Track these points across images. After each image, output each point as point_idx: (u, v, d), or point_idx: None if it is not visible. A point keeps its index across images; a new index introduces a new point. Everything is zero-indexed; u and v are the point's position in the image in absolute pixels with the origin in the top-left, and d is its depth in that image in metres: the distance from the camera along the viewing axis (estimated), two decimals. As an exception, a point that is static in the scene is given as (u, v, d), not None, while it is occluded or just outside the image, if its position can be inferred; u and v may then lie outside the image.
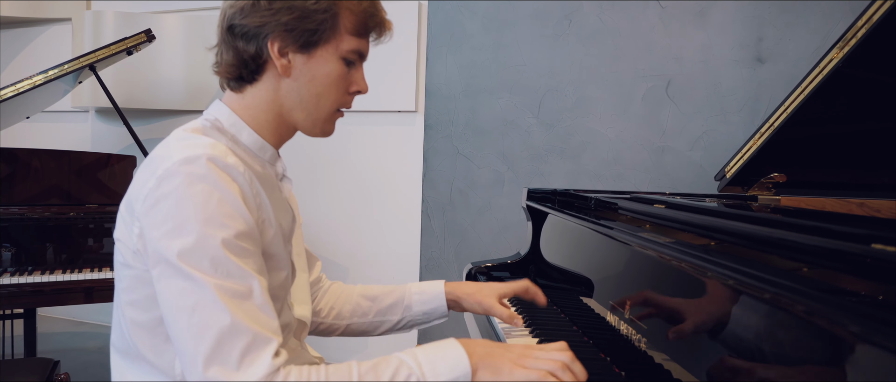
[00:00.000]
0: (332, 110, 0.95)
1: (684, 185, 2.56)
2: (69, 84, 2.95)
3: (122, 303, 0.89)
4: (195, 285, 0.77)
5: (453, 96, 3.04)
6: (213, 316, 0.76)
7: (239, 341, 0.76)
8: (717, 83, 2.49)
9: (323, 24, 0.88)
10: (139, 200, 0.82)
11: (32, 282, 2.22)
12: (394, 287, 1.22)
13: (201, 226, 0.78)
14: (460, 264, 3.09)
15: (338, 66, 0.91)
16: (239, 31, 0.89)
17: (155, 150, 0.89)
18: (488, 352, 0.84)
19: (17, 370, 1.81)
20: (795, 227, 0.79)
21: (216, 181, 0.80)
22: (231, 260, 0.78)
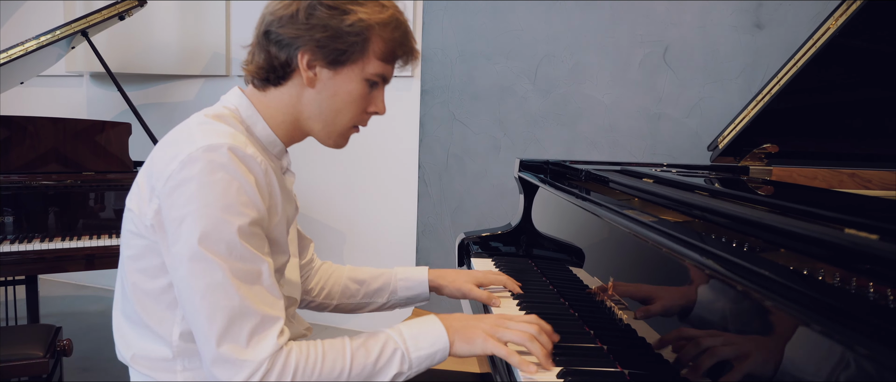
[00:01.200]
0: (348, 126, 1.00)
1: (680, 152, 2.56)
2: (62, 49, 2.93)
3: (131, 270, 0.93)
4: (211, 267, 0.82)
5: (449, 62, 3.01)
6: (227, 298, 0.82)
7: (248, 321, 0.82)
8: (714, 49, 2.46)
9: (353, 45, 0.92)
10: (161, 179, 0.85)
11: (34, 249, 2.25)
12: (381, 272, 1.28)
13: (220, 212, 0.83)
14: (456, 229, 3.11)
15: (360, 86, 0.95)
16: (274, 37, 0.92)
17: (175, 131, 0.93)
18: (463, 326, 0.94)
19: (20, 336, 1.85)
20: (774, 207, 0.80)
21: (235, 170, 0.84)
22: (244, 246, 0.84)
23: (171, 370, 0.93)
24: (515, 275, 1.40)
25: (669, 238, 0.81)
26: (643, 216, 0.92)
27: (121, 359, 1.00)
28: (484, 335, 0.92)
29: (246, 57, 0.99)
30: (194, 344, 0.91)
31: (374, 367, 0.88)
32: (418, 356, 0.90)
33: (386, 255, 3.29)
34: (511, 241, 1.62)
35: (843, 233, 0.67)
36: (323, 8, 0.90)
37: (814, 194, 1.12)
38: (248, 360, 0.81)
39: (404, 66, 1.00)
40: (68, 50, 3.02)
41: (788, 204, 0.79)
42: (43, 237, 2.33)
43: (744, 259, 0.68)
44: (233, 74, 3.50)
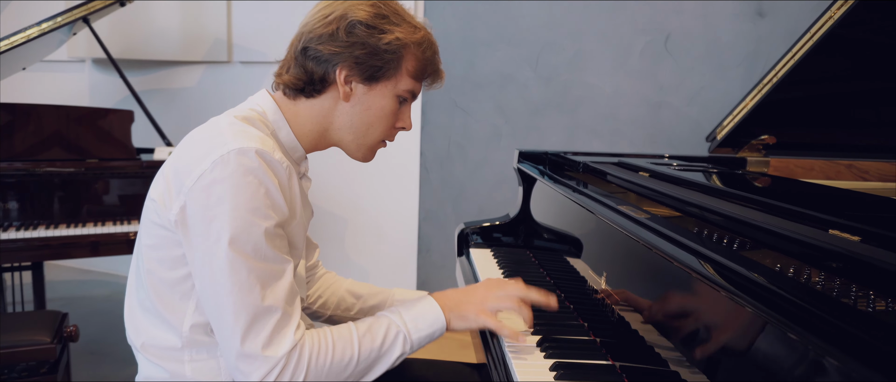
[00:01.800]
0: (378, 140, 1.05)
1: (681, 141, 2.57)
2: (64, 35, 2.93)
3: (149, 258, 0.96)
4: (238, 267, 0.86)
5: (451, 48, 3.01)
6: (251, 297, 0.87)
7: (270, 320, 0.88)
8: (716, 38, 2.46)
9: (389, 63, 0.97)
10: (191, 177, 0.88)
11: (39, 236, 2.28)
12: (379, 290, 1.30)
13: (249, 215, 0.87)
14: (458, 216, 3.13)
15: (392, 101, 1.00)
16: (312, 54, 0.97)
17: (204, 130, 0.96)
18: (456, 303, 1.02)
19: (27, 322, 1.88)
20: (762, 205, 0.81)
21: (264, 174, 0.88)
22: (269, 247, 0.88)
23: (179, 359, 0.97)
24: (513, 267, 1.42)
25: (658, 235, 0.83)
26: (635, 212, 0.94)
27: (130, 344, 1.03)
28: (475, 310, 1.00)
29: (279, 68, 1.03)
30: (203, 337, 0.96)
31: (379, 350, 0.95)
32: (419, 337, 0.98)
33: (388, 241, 3.32)
34: (510, 231, 1.64)
35: (826, 234, 0.68)
36: (362, 27, 0.95)
37: (804, 191, 1.13)
38: (268, 357, 0.87)
39: (430, 85, 1.06)
40: (70, 36, 3.03)
41: (776, 202, 0.80)
42: (48, 224, 2.36)
43: (728, 258, 0.70)
44: (234, 61, 3.50)
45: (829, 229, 0.70)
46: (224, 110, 1.02)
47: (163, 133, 2.80)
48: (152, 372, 1.00)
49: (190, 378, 0.97)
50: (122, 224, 2.46)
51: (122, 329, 1.06)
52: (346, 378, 0.93)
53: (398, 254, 3.30)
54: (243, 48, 3.47)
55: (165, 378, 0.98)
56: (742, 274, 0.66)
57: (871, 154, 1.72)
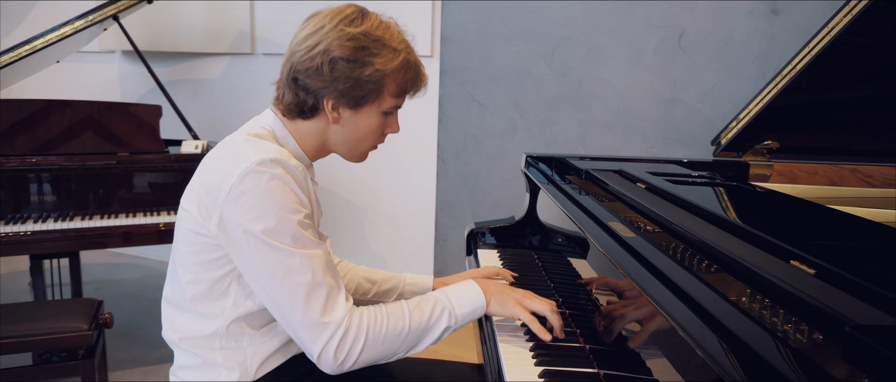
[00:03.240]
0: (369, 148, 1.17)
1: (693, 138, 2.60)
2: (95, 31, 3.05)
3: (190, 263, 1.08)
4: (284, 255, 0.99)
5: (468, 42, 3.06)
6: (302, 276, 0.99)
7: (322, 290, 1.00)
8: (729, 35, 2.47)
9: (371, 92, 1.07)
10: (223, 191, 1.00)
11: (75, 227, 2.41)
12: (392, 275, 1.43)
13: (281, 212, 0.99)
14: (474, 208, 3.21)
15: (378, 118, 1.11)
16: (301, 84, 1.06)
17: (225, 148, 1.08)
18: (499, 290, 1.14)
19: (65, 310, 2.01)
20: (733, 229, 0.87)
21: (285, 178, 1.01)
22: (305, 235, 1.01)
23: (211, 346, 1.10)
24: (517, 269, 1.49)
25: (630, 254, 0.89)
26: (623, 228, 1.00)
27: (167, 341, 1.16)
28: (515, 301, 1.12)
29: (276, 92, 1.13)
30: (237, 328, 1.09)
31: (427, 322, 1.07)
32: (462, 312, 1.10)
33: (406, 231, 3.41)
34: (516, 233, 1.70)
35: (785, 264, 0.74)
36: (343, 63, 1.03)
37: (787, 210, 1.17)
38: (328, 322, 0.99)
39: (414, 96, 1.16)
40: (101, 31, 3.15)
41: (747, 227, 0.86)
42: (83, 216, 2.49)
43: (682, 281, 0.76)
44: (257, 52, 3.59)
45: (790, 260, 0.76)
46: (246, 99, 1.14)
47: (190, 126, 2.91)
48: (187, 361, 1.13)
49: (220, 362, 1.10)
50: (152, 216, 2.59)
51: (152, 313, 1.18)
52: (399, 346, 1.05)
53: (415, 244, 3.40)
54: (266, 40, 3.55)
55: (198, 362, 1.11)
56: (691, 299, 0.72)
57: (875, 159, 1.75)
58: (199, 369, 1.12)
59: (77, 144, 2.56)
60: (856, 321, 0.56)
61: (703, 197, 1.18)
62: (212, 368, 1.11)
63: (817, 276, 0.70)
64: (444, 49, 3.13)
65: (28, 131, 2.50)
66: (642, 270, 0.85)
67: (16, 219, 2.38)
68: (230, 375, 1.10)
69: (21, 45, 2.59)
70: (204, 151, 2.73)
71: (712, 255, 0.84)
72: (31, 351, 1.99)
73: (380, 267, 3.50)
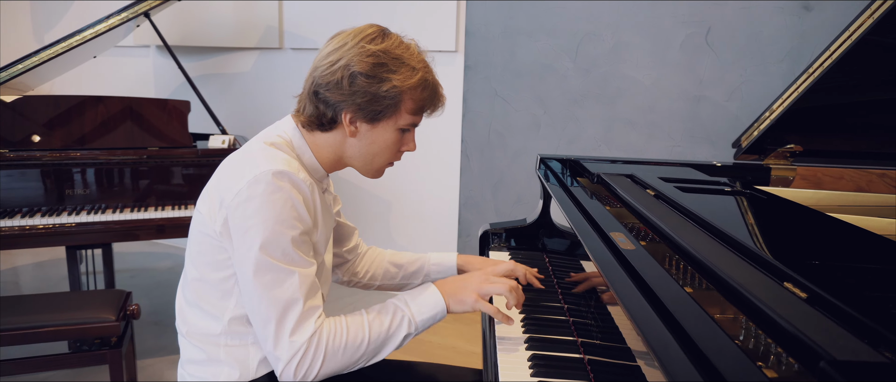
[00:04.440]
0: (385, 164, 1.19)
1: (719, 136, 2.54)
2: (129, 27, 3.14)
3: (199, 263, 1.13)
4: (270, 268, 1.02)
5: (492, 37, 3.04)
6: (283, 291, 1.03)
7: (296, 309, 1.03)
8: (758, 31, 2.40)
9: (388, 107, 1.09)
10: (230, 194, 1.04)
11: (107, 220, 2.49)
12: (417, 256, 1.48)
13: (277, 225, 1.02)
14: (497, 203, 3.20)
15: (394, 134, 1.13)
16: (321, 97, 1.10)
17: (242, 154, 1.11)
18: (455, 289, 1.15)
19: (94, 301, 2.09)
20: (732, 245, 0.85)
21: (289, 191, 1.04)
22: (295, 252, 1.04)
23: (216, 343, 1.15)
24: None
25: (624, 269, 0.88)
26: (622, 239, 0.99)
27: (178, 332, 1.22)
28: (474, 295, 1.13)
29: (297, 105, 1.16)
30: (239, 327, 1.13)
31: (387, 332, 1.09)
32: (422, 319, 1.12)
33: (429, 225, 3.43)
34: (530, 234, 1.70)
35: (779, 286, 0.73)
36: (362, 77, 1.06)
37: (796, 223, 1.14)
38: (293, 341, 1.03)
39: (431, 114, 1.18)
40: (134, 27, 3.23)
41: (746, 243, 0.84)
42: (115, 208, 2.58)
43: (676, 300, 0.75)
44: (285, 47, 3.64)
45: (784, 281, 0.74)
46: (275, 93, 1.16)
47: (218, 121, 2.97)
48: (193, 355, 1.18)
49: (223, 359, 1.15)
50: (181, 209, 2.66)
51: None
52: (360, 356, 1.07)
53: (439, 238, 3.41)
54: (294, 35, 3.60)
55: (203, 357, 1.16)
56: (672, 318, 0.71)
57: (907, 163, 1.68)
58: (204, 365, 1.16)
59: (109, 139, 2.65)
60: (833, 355, 0.55)
61: (710, 207, 1.16)
62: (215, 365, 1.15)
63: (808, 301, 0.68)
64: (469, 44, 3.12)
65: (63, 127, 2.59)
66: (629, 285, 0.84)
67: (51, 211, 2.48)
68: (231, 374, 1.15)
69: (58, 43, 2.69)
70: (231, 146, 2.79)
71: (706, 271, 0.82)
72: (63, 340, 2.07)
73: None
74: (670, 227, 0.98)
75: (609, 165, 1.68)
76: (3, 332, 1.93)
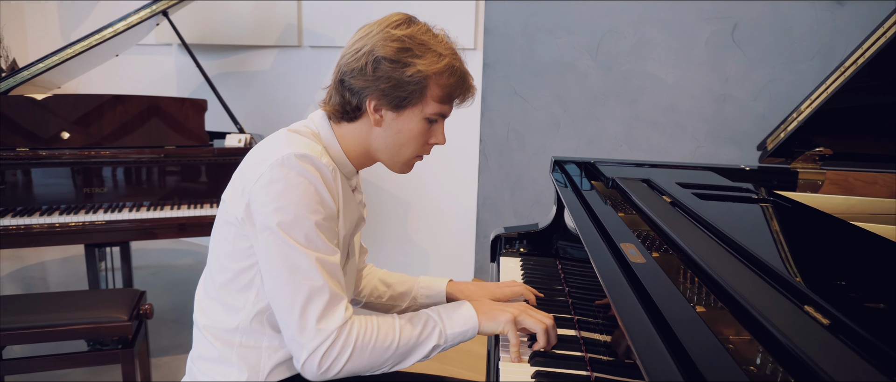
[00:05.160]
0: (411, 157, 1.14)
1: (745, 136, 2.45)
2: (150, 26, 3.15)
3: (219, 253, 1.11)
4: (294, 252, 0.99)
5: (512, 35, 2.98)
6: (307, 276, 1.00)
7: (324, 296, 1.00)
8: (788, 28, 2.30)
9: (413, 93, 1.05)
10: (252, 179, 1.02)
11: (124, 219, 2.51)
12: (407, 278, 1.42)
13: (300, 209, 1.00)
14: (515, 204, 3.15)
15: (421, 124, 1.09)
16: (347, 85, 1.08)
17: (267, 141, 1.09)
18: (491, 308, 1.12)
19: (108, 300, 2.09)
20: (752, 262, 0.79)
21: (312, 175, 1.01)
22: (319, 237, 1.01)
23: (230, 341, 1.12)
24: (538, 278, 1.44)
25: (630, 284, 0.82)
26: (632, 252, 0.93)
27: (194, 323, 1.19)
28: (508, 319, 1.10)
29: (325, 96, 1.15)
30: (258, 325, 1.10)
31: (417, 339, 1.06)
32: (453, 332, 1.09)
33: (447, 225, 3.38)
34: (542, 240, 1.64)
35: (799, 311, 0.67)
36: (386, 62, 1.04)
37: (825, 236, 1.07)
38: (321, 330, 0.99)
39: (461, 103, 1.13)
40: (155, 26, 3.25)
41: (766, 261, 0.78)
42: (133, 207, 2.59)
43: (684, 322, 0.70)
44: (304, 45, 3.62)
45: (805, 304, 0.69)
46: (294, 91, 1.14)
47: (235, 119, 2.97)
48: (205, 350, 1.15)
49: (234, 361, 1.11)
50: (198, 208, 2.66)
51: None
52: (386, 359, 1.04)
53: (457, 238, 3.37)
54: (313, 33, 3.58)
55: (215, 355, 1.13)
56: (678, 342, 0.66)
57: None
58: (214, 363, 1.13)
59: (128, 138, 2.66)
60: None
61: (728, 217, 1.09)
62: (225, 365, 1.12)
63: (830, 329, 0.62)
64: (488, 42, 3.06)
65: (82, 126, 2.61)
66: (634, 306, 0.78)
67: (69, 210, 2.50)
68: (239, 375, 1.12)
69: (79, 41, 2.70)
70: (247, 145, 2.78)
71: (719, 289, 0.77)
72: (76, 339, 2.08)
73: (421, 261, 3.50)
74: (684, 239, 0.92)
75: (626, 168, 1.61)
76: (18, 330, 1.94)
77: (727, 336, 0.73)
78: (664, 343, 0.66)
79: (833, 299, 0.67)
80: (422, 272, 3.45)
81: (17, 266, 3.86)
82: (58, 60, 2.69)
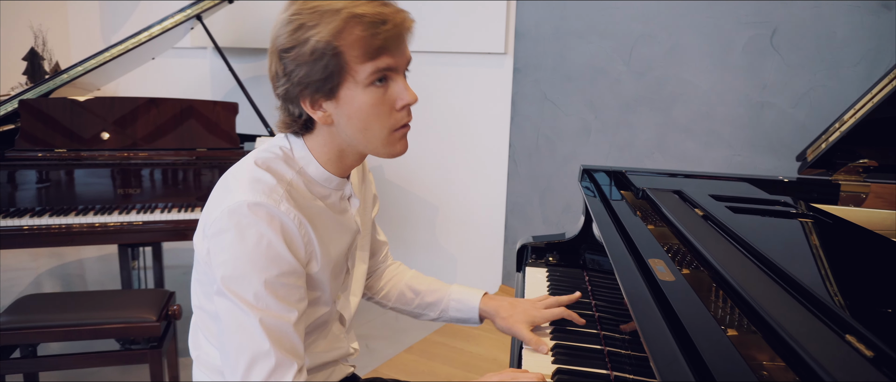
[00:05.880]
0: (386, 133, 0.97)
1: (783, 145, 2.36)
2: (185, 29, 3.21)
3: (198, 291, 1.05)
4: (241, 311, 0.90)
5: (542, 39, 2.94)
6: (251, 340, 0.90)
7: (268, 362, 0.91)
8: (831, 32, 2.21)
9: (327, 68, 0.90)
10: (209, 222, 0.94)
11: (156, 220, 2.54)
12: (438, 286, 1.32)
13: (248, 265, 0.90)
14: (544, 211, 3.10)
15: (368, 94, 0.93)
16: (282, 96, 0.96)
17: (229, 176, 0.99)
18: None
19: (138, 301, 2.12)
20: (787, 283, 0.75)
21: (266, 228, 0.91)
22: (270, 297, 0.91)
23: (221, 374, 1.05)
24: (564, 290, 1.40)
25: (657, 304, 0.79)
26: (661, 269, 0.90)
27: (191, 353, 1.13)
28: None
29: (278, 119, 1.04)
30: None
31: None
32: None
33: (475, 231, 3.36)
34: (570, 250, 1.61)
35: (840, 341, 0.63)
36: (285, 53, 0.91)
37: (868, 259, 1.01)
38: None
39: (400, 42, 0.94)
40: (190, 30, 3.30)
41: (804, 283, 0.74)
42: (164, 208, 2.63)
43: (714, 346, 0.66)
44: (335, 49, 3.64)
45: (846, 334, 0.64)
46: None
47: (266, 121, 2.99)
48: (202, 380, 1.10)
49: None
50: (226, 210, 2.68)
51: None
52: None
53: (485, 244, 3.34)
54: (343, 37, 3.59)
55: None
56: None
57: None
58: None
59: (162, 140, 2.70)
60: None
61: (764, 233, 1.04)
62: None
63: (873, 361, 0.58)
64: (519, 46, 3.03)
65: (120, 128, 2.66)
66: (661, 327, 0.74)
67: (103, 210, 2.55)
68: None
69: (116, 46, 2.76)
70: (276, 148, 2.80)
71: (751, 312, 0.72)
72: (106, 338, 2.11)
73: (448, 267, 3.46)
74: (715, 256, 0.88)
75: (658, 178, 1.56)
76: (52, 328, 1.98)
77: (761, 362, 0.69)
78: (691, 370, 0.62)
79: (878, 328, 0.62)
80: (449, 278, 3.43)
81: (56, 263, 3.97)
82: (96, 63, 2.75)
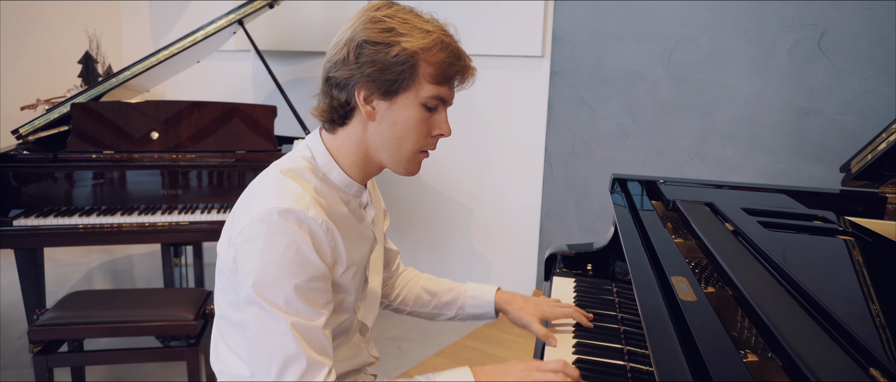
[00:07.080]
0: (414, 152, 1.03)
1: (830, 153, 2.27)
2: (228, 34, 3.29)
3: (221, 301, 1.07)
4: (271, 316, 0.93)
5: (580, 42, 2.90)
6: (283, 344, 0.93)
7: (299, 365, 0.93)
8: (883, 35, 2.11)
9: (402, 74, 0.96)
10: (237, 231, 0.96)
11: (197, 220, 2.62)
12: (453, 286, 1.35)
13: (279, 271, 0.93)
14: (579, 216, 3.06)
15: (418, 111, 0.99)
16: (333, 81, 1.00)
17: (255, 186, 1.02)
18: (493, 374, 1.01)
19: (176, 299, 2.19)
20: (814, 309, 0.71)
21: (296, 234, 0.93)
22: (300, 301, 0.93)
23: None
24: (590, 301, 1.38)
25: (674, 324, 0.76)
26: (683, 288, 0.87)
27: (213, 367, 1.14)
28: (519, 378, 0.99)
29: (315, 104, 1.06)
30: None
31: None
32: None
33: (510, 234, 3.34)
34: (598, 260, 1.58)
35: (865, 374, 0.60)
36: (368, 45, 0.96)
37: None
38: None
39: (461, 85, 1.03)
40: (233, 34, 3.39)
41: (831, 310, 0.70)
42: (205, 209, 2.70)
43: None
44: (373, 52, 3.67)
45: (870, 367, 0.61)
46: None
47: (304, 124, 3.04)
48: None
49: None
50: (263, 211, 2.74)
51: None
52: None
53: (519, 249, 3.32)
54: (381, 40, 3.62)
55: None
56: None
57: None
58: None
59: (204, 142, 2.78)
60: None
61: (795, 252, 1.00)
62: None
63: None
64: (556, 49, 3.00)
65: (165, 130, 2.75)
66: (675, 353, 0.72)
67: (147, 210, 2.64)
68: None
69: (162, 50, 2.85)
70: (313, 151, 2.84)
71: (773, 341, 0.70)
72: (147, 335, 2.19)
73: (483, 271, 3.45)
74: (739, 276, 0.85)
75: (691, 188, 1.52)
76: (96, 324, 2.06)
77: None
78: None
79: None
80: (484, 281, 3.41)
81: (106, 259, 4.12)
82: (145, 67, 2.85)
